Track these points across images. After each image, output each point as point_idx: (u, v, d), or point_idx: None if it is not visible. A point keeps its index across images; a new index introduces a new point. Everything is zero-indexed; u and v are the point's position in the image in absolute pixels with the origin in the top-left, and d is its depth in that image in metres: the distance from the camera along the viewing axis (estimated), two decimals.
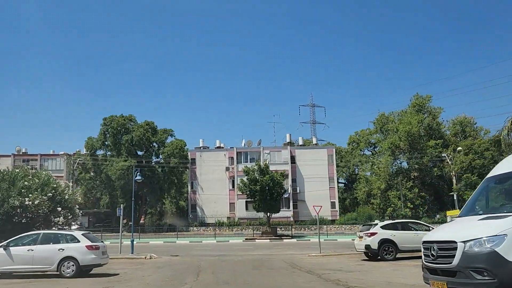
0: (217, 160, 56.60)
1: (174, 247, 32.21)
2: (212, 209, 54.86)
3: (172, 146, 50.32)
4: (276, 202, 35.44)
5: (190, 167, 56.37)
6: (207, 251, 28.86)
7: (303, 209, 54.98)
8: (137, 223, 50.31)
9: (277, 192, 35.28)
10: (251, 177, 35.45)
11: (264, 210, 35.76)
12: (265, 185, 34.76)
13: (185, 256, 25.55)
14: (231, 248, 30.42)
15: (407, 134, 53.57)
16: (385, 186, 54.69)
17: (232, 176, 55.88)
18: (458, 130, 59.55)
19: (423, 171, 53.93)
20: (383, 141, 60.20)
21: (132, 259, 23.36)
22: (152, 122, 52.23)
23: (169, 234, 43.34)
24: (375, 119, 63.54)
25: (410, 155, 54.11)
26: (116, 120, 49.25)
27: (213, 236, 38.92)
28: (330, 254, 23.67)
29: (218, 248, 31.14)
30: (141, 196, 51.90)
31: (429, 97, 58.39)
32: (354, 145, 69.10)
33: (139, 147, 49.86)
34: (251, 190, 35.18)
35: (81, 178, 50.40)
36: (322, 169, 56.24)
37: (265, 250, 28.22)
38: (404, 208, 52.04)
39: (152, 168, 50.95)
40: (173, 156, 49.43)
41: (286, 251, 27.76)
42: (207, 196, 55.62)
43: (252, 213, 52.97)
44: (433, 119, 57.20)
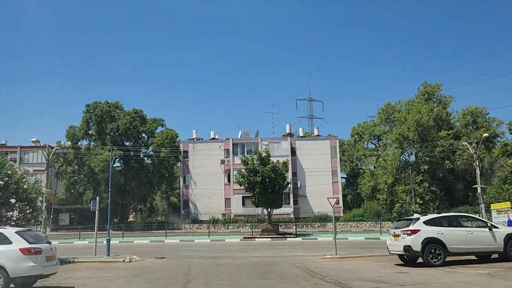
0: (211, 152, 52.36)
1: (161, 247, 28.01)
2: (206, 205, 50.65)
3: (162, 136, 45.85)
4: (278, 196, 31.29)
5: (182, 159, 52.04)
6: (200, 251, 24.71)
7: (304, 205, 50.94)
8: (124, 220, 46.01)
9: (279, 184, 31.12)
10: (250, 167, 31.23)
11: (265, 205, 31.59)
12: (266, 176, 30.56)
13: (172, 258, 21.41)
14: (228, 248, 26.28)
15: (416, 124, 49.63)
16: (392, 180, 50.74)
17: (228, 170, 51.69)
18: (469, 121, 55.67)
19: (433, 164, 49.98)
20: (389, 133, 56.25)
21: (105, 263, 19.15)
22: (140, 110, 47.79)
23: (158, 233, 39.12)
24: (380, 109, 59.56)
25: (420, 146, 50.13)
26: (100, 107, 44.70)
27: (207, 234, 34.71)
28: (348, 256, 19.58)
29: (213, 248, 26.99)
30: (128, 190, 47.50)
31: (438, 85, 54.52)
32: (357, 137, 65.05)
33: (126, 137, 45.34)
34: (250, 182, 30.98)
35: (62, 171, 45.85)
36: (324, 162, 52.17)
37: (267, 251, 24.12)
38: (413, 204, 48.18)
39: (140, 160, 46.50)
40: (164, 146, 45.02)
41: (293, 252, 23.68)
42: (200, 191, 51.38)
43: (249, 209, 48.90)
44: (443, 108, 53.32)
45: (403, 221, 14.85)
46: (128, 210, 47.57)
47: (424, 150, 49.85)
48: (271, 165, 31.09)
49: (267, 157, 31.57)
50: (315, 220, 45.49)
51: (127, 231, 39.98)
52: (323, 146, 52.93)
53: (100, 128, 44.48)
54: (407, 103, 56.08)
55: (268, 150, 32.63)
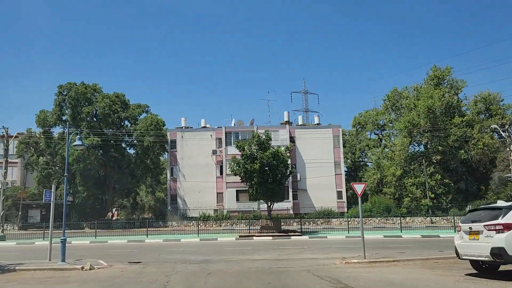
0: (202, 141, 47.45)
1: (140, 249, 23.12)
2: (196, 200, 45.74)
3: (146, 122, 40.69)
4: (280, 187, 26.48)
5: (170, 150, 47.04)
6: (187, 253, 19.91)
7: (304, 199, 46.29)
8: (103, 217, 40.93)
9: (282, 173, 26.33)
10: (247, 153, 26.38)
11: (264, 198, 26.76)
12: (265, 164, 25.74)
13: (150, 263, 16.63)
14: (221, 250, 21.49)
15: (427, 110, 45.16)
16: (401, 173, 46.28)
17: (220, 161, 46.84)
18: (481, 108, 51.40)
19: (446, 154, 45.57)
20: (396, 121, 51.77)
21: (56, 271, 14.30)
22: (122, 94, 42.59)
23: (141, 231, 34.11)
24: (385, 95, 55.01)
25: (431, 135, 45.69)
26: (75, 89, 39.39)
27: (196, 232, 29.84)
28: (381, 260, 14.91)
29: (203, 249, 22.17)
30: (108, 184, 42.34)
31: (449, 69, 50.05)
32: (359, 127, 60.41)
33: (105, 123, 40.12)
34: (246, 170, 26.12)
35: (32, 163, 40.58)
36: (326, 153, 47.56)
37: (271, 253, 19.36)
38: (426, 198, 43.79)
39: (121, 149, 41.33)
40: (148, 134, 39.96)
41: (302, 253, 18.98)
42: (190, 185, 46.46)
43: (244, 204, 44.18)
44: (455, 94, 48.99)
45: (484, 211, 9.98)
46: (108, 205, 42.53)
47: (436, 138, 45.43)
48: (272, 151, 26.28)
49: (267, 140, 26.75)
50: (318, 216, 40.81)
51: (105, 229, 34.99)
52: (324, 135, 48.30)
53: (75, 113, 39.27)
54: (415, 88, 51.60)
55: (268, 132, 27.73)
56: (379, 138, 59.94)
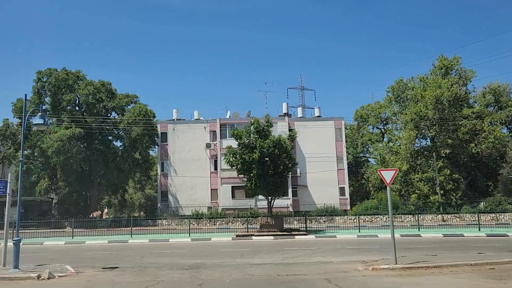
0: (195, 134, 44.31)
1: (121, 250, 20.01)
2: (188, 197, 42.63)
3: (133, 112, 37.36)
4: (282, 180, 23.40)
5: (160, 143, 43.82)
6: (175, 256, 16.84)
7: (304, 196, 43.30)
8: (87, 215, 37.60)
9: (284, 164, 23.27)
10: (245, 141, 23.30)
11: (264, 192, 23.65)
12: (266, 154, 22.68)
13: (129, 268, 13.65)
14: (215, 251, 18.42)
15: (435, 101, 42.34)
16: (407, 168, 43.39)
17: (215, 155, 43.72)
18: (489, 100, 48.70)
19: (456, 148, 42.76)
20: (401, 113, 48.90)
21: (4, 281, 11.24)
22: (108, 82, 39.21)
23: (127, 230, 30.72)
24: (389, 87, 52.10)
25: (440, 127, 42.85)
26: (55, 75, 35.97)
27: (188, 232, 26.70)
28: (419, 266, 11.93)
29: (194, 250, 19.10)
30: (93, 179, 39.00)
31: (457, 58, 47.07)
32: (360, 121, 57.43)
33: (88, 113, 36.71)
34: (244, 161, 23.03)
35: (9, 156, 37.15)
36: (328, 146, 44.59)
37: (274, 255, 16.35)
38: (434, 195, 40.97)
39: (106, 141, 37.94)
40: (136, 125, 36.69)
41: (312, 256, 15.99)
42: (182, 181, 43.32)
43: (240, 201, 41.17)
44: (464, 85, 46.20)
45: None
46: (93, 203, 39.20)
47: (445, 131, 42.59)
48: (273, 139, 23.20)
49: (267, 127, 23.68)
50: (321, 214, 37.79)
51: (89, 228, 31.85)
52: (326, 127, 45.33)
53: (55, 101, 35.90)
54: (421, 79, 48.73)
55: (269, 118, 24.60)
56: (382, 132, 57.10)
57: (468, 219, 35.78)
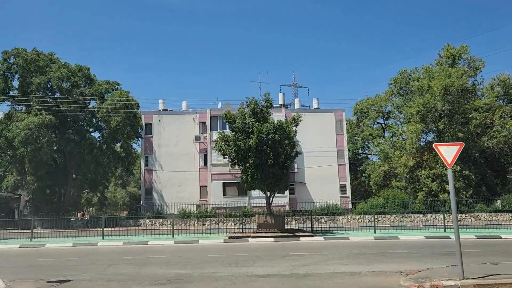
0: (183, 126, 40.53)
1: (87, 256, 16.13)
2: (175, 194, 38.82)
3: (113, 98, 33.26)
4: (283, 172, 19.71)
5: (145, 135, 39.94)
6: (152, 264, 13.03)
7: (302, 194, 39.71)
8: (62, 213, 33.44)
9: (286, 152, 19.64)
10: (239, 125, 19.61)
11: (262, 186, 19.92)
12: (265, 140, 19.01)
13: (85, 283, 9.88)
14: (203, 257, 14.62)
15: (444, 91, 39.04)
16: (413, 163, 40.01)
17: (204, 149, 39.97)
18: (499, 93, 45.61)
19: (467, 143, 39.42)
20: (405, 106, 45.58)
21: None
22: (86, 67, 35.20)
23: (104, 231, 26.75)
24: (390, 79, 48.80)
25: (449, 120, 39.53)
26: (23, 55, 31.80)
27: (171, 233, 22.86)
28: (495, 283, 8.30)
29: (178, 256, 15.27)
30: (67, 174, 34.90)
31: (465, 47, 43.89)
32: (360, 116, 54.05)
33: (63, 99, 32.53)
34: (239, 149, 19.32)
35: None
36: (327, 140, 41.13)
37: (279, 263, 12.63)
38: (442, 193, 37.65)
39: (82, 131, 33.80)
40: (116, 113, 32.73)
41: (328, 263, 12.30)
42: (168, 177, 39.51)
43: (232, 199, 37.47)
44: (474, 75, 43.06)
45: None
46: (68, 200, 35.06)
47: (455, 124, 39.28)
48: (273, 122, 19.52)
49: (266, 108, 20.00)
50: (322, 213, 34.19)
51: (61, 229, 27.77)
52: (325, 120, 41.88)
53: (24, 85, 31.80)
54: (427, 69, 45.45)
55: (268, 97, 20.86)
56: (382, 127, 53.79)
57: (484, 218, 32.56)
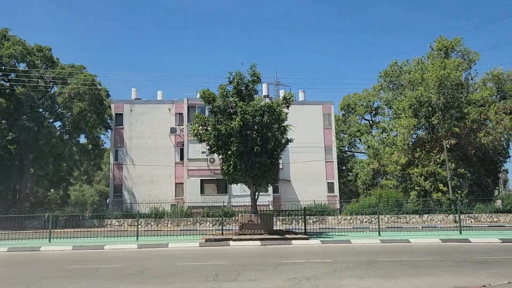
0: (157, 117, 36.99)
1: (19, 265, 12.48)
2: (148, 192, 35.25)
3: (77, 82, 29.35)
4: (273, 161, 16.48)
5: (114, 126, 36.16)
6: (99, 278, 9.50)
7: (287, 193, 36.60)
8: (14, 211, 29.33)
9: (276, 139, 16.46)
10: (221, 104, 16.31)
11: (247, 178, 16.58)
12: (250, 122, 15.76)
13: None
14: (171, 267, 11.14)
15: (439, 84, 36.70)
16: (405, 161, 37.51)
17: (181, 143, 36.50)
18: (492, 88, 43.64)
19: (462, 139, 37.18)
20: (395, 100, 43.18)
21: None
22: (47, 47, 31.24)
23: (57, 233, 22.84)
24: (380, 72, 46.38)
25: (443, 114, 37.18)
26: None
27: (140, 234, 19.31)
28: None
29: (137, 264, 11.74)
30: (23, 168, 30.79)
31: (458, 40, 41.85)
32: (346, 112, 51.48)
33: (15, 81, 28.44)
34: (219, 134, 16.02)
35: None
36: (315, 135, 38.23)
37: (275, 277, 9.26)
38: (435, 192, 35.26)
39: (39, 118, 29.71)
40: (80, 99, 28.87)
41: (341, 277, 8.99)
42: (140, 173, 35.89)
43: (210, 198, 34.13)
44: (468, 67, 40.96)
45: None
46: (23, 197, 30.96)
47: (449, 119, 36.92)
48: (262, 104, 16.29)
49: (253, 84, 16.76)
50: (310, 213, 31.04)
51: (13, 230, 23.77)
52: (312, 113, 38.94)
53: None
54: (419, 61, 43.18)
55: (256, 69, 17.45)
56: (370, 124, 51.35)
57: (484, 219, 30.17)
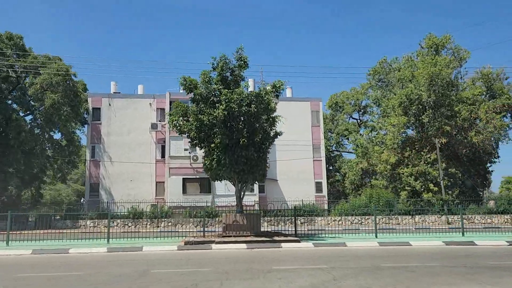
0: (137, 112, 35.09)
1: None
2: (126, 191, 33.29)
3: (50, 72, 27.33)
4: (260, 156, 14.89)
5: (91, 121, 34.12)
6: None
7: (274, 192, 35.07)
8: None
9: (264, 131, 14.93)
10: (203, 91, 14.67)
11: (232, 174, 14.93)
12: (236, 111, 14.17)
13: None
14: (142, 277, 9.43)
15: (430, 81, 35.75)
16: (395, 160, 36.43)
17: (162, 139, 34.67)
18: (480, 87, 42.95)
19: (453, 138, 36.28)
20: (385, 98, 42.17)
21: None
22: (18, 35, 29.11)
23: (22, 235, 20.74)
24: (369, 70, 45.34)
25: (434, 113, 36.25)
26: None
27: (107, 237, 17.50)
28: None
29: (104, 272, 10.01)
30: None
31: (448, 37, 41.03)
32: (333, 111, 50.29)
33: None
34: (201, 125, 14.42)
35: None
36: (302, 133, 36.82)
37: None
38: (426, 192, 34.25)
39: (7, 110, 27.54)
40: (53, 90, 26.86)
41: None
42: (118, 171, 33.94)
43: (193, 197, 32.42)
44: (459, 65, 40.16)
45: None
46: None
47: (440, 117, 35.98)
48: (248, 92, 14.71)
49: (240, 68, 15.17)
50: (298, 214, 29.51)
51: None
52: (300, 109, 37.51)
53: None
54: (408, 59, 42.26)
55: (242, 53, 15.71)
56: (358, 123, 50.27)
57: (477, 221, 29.17)
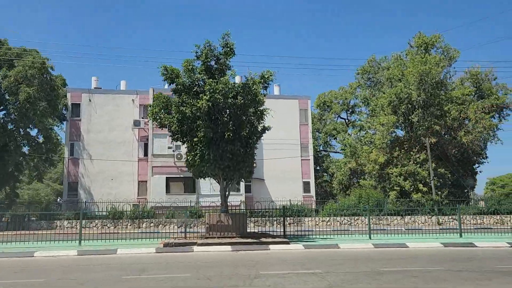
0: (119, 109, 33.81)
1: None
2: (107, 191, 31.99)
3: (25, 64, 25.86)
4: (247, 151, 13.82)
5: (70, 118, 32.68)
6: None
7: (261, 192, 34.09)
8: None
9: (252, 124, 13.90)
10: (186, 81, 13.59)
11: (216, 171, 13.82)
12: (221, 102, 13.11)
13: None
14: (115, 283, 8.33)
15: (419, 80, 35.23)
16: (384, 160, 35.80)
17: (145, 137, 33.41)
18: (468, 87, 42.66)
19: (443, 138, 35.81)
20: (373, 97, 41.56)
21: None
22: None
23: None
24: (358, 69, 44.72)
25: (423, 112, 35.72)
26: None
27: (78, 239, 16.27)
28: None
29: (69, 279, 8.81)
30: None
31: (437, 36, 40.63)
32: (321, 110, 49.58)
33: None
34: (184, 117, 13.35)
35: None
36: (290, 131, 35.99)
37: None
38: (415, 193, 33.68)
39: None
40: (28, 84, 25.39)
41: None
42: (99, 169, 32.58)
43: (177, 197, 31.21)
44: (449, 65, 39.77)
45: None
46: None
47: (430, 117, 35.46)
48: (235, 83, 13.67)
49: (226, 55, 14.09)
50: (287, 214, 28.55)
51: None
52: (288, 108, 36.62)
53: None
54: (397, 57, 41.73)
55: (228, 39, 14.58)
56: (346, 122, 49.62)
57: (468, 221, 28.58)
